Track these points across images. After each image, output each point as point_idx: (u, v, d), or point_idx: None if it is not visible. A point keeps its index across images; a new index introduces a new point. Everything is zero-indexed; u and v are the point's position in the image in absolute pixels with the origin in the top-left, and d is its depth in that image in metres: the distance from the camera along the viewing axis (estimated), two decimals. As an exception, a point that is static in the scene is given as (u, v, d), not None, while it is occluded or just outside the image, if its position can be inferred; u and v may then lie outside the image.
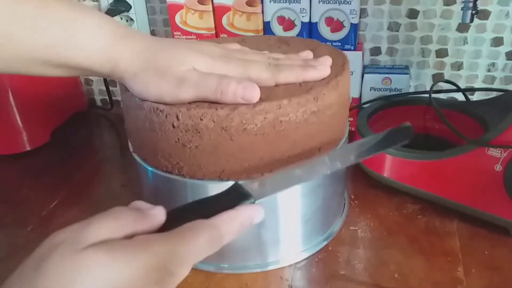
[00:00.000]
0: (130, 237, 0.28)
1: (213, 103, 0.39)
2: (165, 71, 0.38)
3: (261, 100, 0.39)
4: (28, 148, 0.70)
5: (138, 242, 0.27)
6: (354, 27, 0.66)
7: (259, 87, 0.39)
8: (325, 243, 0.50)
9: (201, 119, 0.38)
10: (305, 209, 0.46)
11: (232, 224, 0.31)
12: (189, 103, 0.39)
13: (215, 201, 0.32)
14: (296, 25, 0.68)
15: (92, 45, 0.37)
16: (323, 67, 0.42)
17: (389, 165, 0.55)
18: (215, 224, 0.30)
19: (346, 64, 0.45)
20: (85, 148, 0.73)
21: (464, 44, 0.69)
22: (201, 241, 0.29)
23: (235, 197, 0.32)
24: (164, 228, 0.30)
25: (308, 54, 0.46)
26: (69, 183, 0.64)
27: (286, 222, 0.46)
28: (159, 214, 0.30)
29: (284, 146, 0.41)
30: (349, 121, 0.68)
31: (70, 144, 0.74)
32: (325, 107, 0.41)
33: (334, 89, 0.42)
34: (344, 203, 0.55)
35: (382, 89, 0.69)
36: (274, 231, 0.46)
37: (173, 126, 0.39)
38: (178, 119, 0.39)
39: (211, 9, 0.69)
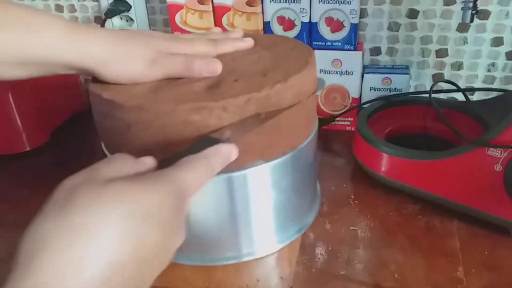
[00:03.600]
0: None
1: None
2: (135, 54, 0.42)
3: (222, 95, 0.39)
4: (28, 148, 0.70)
5: (154, 174, 0.30)
6: (354, 27, 0.66)
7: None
8: (297, 235, 0.50)
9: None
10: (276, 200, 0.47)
11: (218, 156, 0.35)
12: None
13: (193, 149, 0.35)
14: (296, 25, 0.68)
15: (50, 33, 0.39)
16: (247, 39, 0.50)
17: (389, 165, 0.55)
18: (207, 156, 0.34)
19: (311, 58, 0.46)
20: (84, 148, 0.73)
21: (464, 44, 0.69)
22: (200, 170, 0.33)
23: (208, 144, 0.35)
24: None
25: (237, 32, 0.52)
26: (69, 183, 0.64)
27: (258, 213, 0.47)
28: (150, 160, 0.33)
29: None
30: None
31: (69, 144, 0.74)
32: (283, 106, 0.42)
33: (292, 87, 0.42)
34: (316, 193, 0.56)
35: (382, 89, 0.69)
36: (246, 221, 0.46)
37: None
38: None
39: (211, 9, 0.69)
